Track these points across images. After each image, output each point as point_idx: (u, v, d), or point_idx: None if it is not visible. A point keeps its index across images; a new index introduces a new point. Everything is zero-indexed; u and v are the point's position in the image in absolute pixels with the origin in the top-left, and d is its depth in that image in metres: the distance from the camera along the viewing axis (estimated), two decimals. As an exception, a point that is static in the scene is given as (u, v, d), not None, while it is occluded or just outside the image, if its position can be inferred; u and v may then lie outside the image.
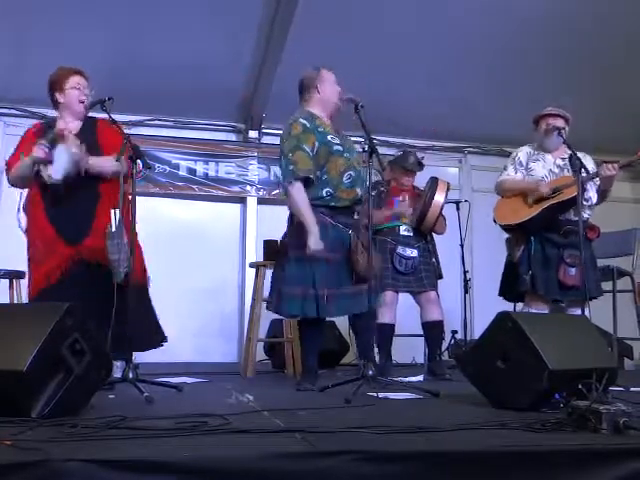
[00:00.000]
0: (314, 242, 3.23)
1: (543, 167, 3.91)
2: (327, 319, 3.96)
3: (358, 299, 3.34)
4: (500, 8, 5.05)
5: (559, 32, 5.21)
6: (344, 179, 3.38)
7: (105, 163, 3.23)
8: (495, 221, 3.99)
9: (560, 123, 3.87)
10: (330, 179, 3.37)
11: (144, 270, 3.44)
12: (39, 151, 3.12)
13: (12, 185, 3.39)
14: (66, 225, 3.21)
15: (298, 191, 3.32)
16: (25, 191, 3.40)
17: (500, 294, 4.06)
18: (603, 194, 3.86)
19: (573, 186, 3.63)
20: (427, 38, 5.28)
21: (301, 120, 3.41)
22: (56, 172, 3.13)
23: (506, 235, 4.02)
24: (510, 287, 3.95)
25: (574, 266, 3.68)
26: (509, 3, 5.03)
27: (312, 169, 3.32)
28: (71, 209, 3.22)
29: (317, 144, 3.36)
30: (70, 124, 3.34)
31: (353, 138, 3.72)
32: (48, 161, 3.13)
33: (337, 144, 3.41)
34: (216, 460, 1.51)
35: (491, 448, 1.69)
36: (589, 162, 3.82)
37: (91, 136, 3.31)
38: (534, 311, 3.78)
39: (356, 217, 3.46)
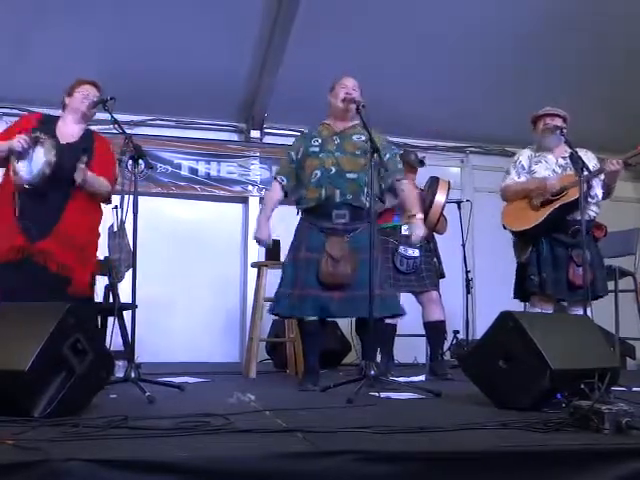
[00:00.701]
0: (255, 231, 3.65)
1: (546, 168, 3.90)
2: (329, 320, 3.97)
3: (329, 303, 3.37)
4: (502, 8, 5.04)
5: (560, 32, 5.20)
6: (312, 178, 3.50)
7: (100, 184, 3.26)
8: (504, 227, 3.97)
9: (558, 122, 3.86)
10: (304, 179, 3.56)
11: (90, 282, 3.33)
12: (17, 143, 3.08)
13: None
14: (32, 220, 3.13)
15: (270, 187, 3.80)
16: None
17: (515, 296, 4.04)
18: (608, 190, 3.85)
19: (577, 185, 3.61)
20: (428, 38, 5.27)
21: (305, 130, 3.75)
22: (28, 173, 3.09)
23: (510, 236, 4.01)
24: (520, 288, 3.95)
25: (582, 266, 3.68)
26: (510, 4, 5.03)
27: (285, 172, 3.66)
28: (40, 207, 3.16)
29: (302, 149, 3.61)
30: (69, 126, 3.36)
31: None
32: (22, 157, 3.09)
33: (315, 146, 3.56)
34: (218, 460, 1.51)
35: (493, 448, 1.68)
36: (591, 159, 3.80)
37: (89, 146, 3.32)
38: (540, 311, 3.77)
39: (335, 220, 3.41)
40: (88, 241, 3.27)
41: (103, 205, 3.41)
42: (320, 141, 3.56)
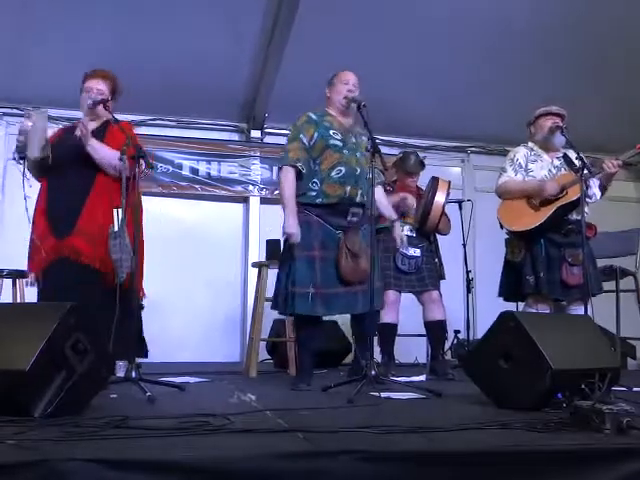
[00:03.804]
0: (287, 226, 3.33)
1: (542, 168, 3.90)
2: (328, 318, 3.97)
3: (350, 300, 3.38)
4: (502, 8, 5.04)
5: (561, 32, 5.20)
6: (333, 173, 3.39)
7: (105, 151, 3.24)
8: (502, 226, 3.96)
9: (560, 122, 3.87)
10: (320, 171, 3.41)
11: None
12: (20, 126, 3.20)
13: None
14: (56, 217, 3.21)
15: (285, 175, 3.41)
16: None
17: (500, 295, 4.03)
18: (603, 189, 3.85)
19: (576, 185, 3.61)
20: (429, 38, 5.27)
21: (309, 113, 3.53)
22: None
23: (506, 235, 4.00)
24: (512, 288, 3.93)
25: (576, 265, 3.68)
26: (511, 3, 5.03)
27: (302, 159, 3.40)
28: (63, 201, 3.23)
29: (316, 135, 3.44)
30: (88, 124, 3.36)
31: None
32: (23, 148, 3.18)
33: (337, 139, 3.45)
34: (218, 460, 1.51)
35: (493, 448, 1.68)
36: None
37: (100, 137, 3.32)
38: (537, 311, 3.76)
39: (350, 219, 3.42)
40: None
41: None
42: (340, 136, 3.47)
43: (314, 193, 3.40)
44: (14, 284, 4.24)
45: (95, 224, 3.18)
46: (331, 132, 3.45)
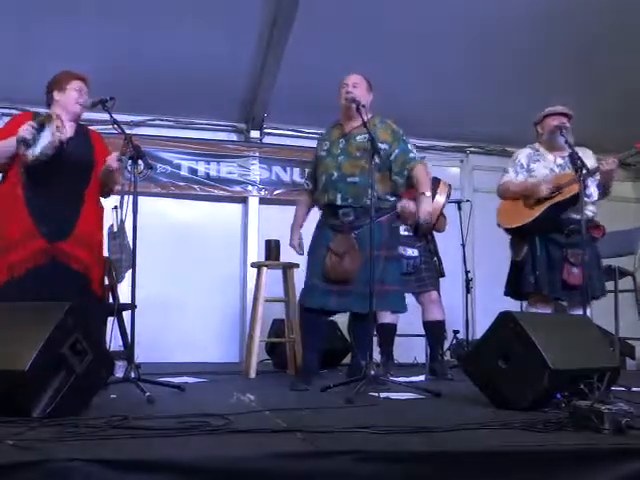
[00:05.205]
0: (290, 241, 3.80)
1: (544, 167, 3.90)
2: (329, 319, 3.99)
3: (328, 296, 3.45)
4: (502, 7, 5.04)
5: (561, 31, 5.20)
6: (319, 182, 3.64)
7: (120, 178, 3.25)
8: (499, 225, 3.97)
9: (567, 122, 3.87)
10: (317, 182, 3.67)
11: (101, 281, 3.31)
12: (25, 131, 2.97)
13: None
14: (47, 221, 3.06)
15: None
16: None
17: (506, 294, 4.05)
18: (604, 190, 3.84)
19: (573, 184, 3.62)
20: (428, 38, 5.26)
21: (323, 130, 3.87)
22: (34, 149, 2.98)
23: (509, 236, 4.01)
24: (515, 287, 3.95)
25: (577, 266, 3.68)
26: (510, 3, 5.02)
27: (310, 176, 3.83)
28: (55, 207, 3.10)
29: (317, 152, 3.75)
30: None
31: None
32: (31, 142, 2.97)
33: (323, 150, 3.65)
34: (217, 460, 1.51)
35: (492, 448, 1.69)
36: (589, 157, 3.79)
37: (86, 142, 3.26)
38: (537, 311, 3.77)
39: (343, 219, 3.49)
40: (99, 240, 3.26)
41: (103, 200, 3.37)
42: (328, 145, 3.64)
43: (316, 202, 3.73)
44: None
45: (90, 230, 3.17)
46: (323, 144, 3.68)
